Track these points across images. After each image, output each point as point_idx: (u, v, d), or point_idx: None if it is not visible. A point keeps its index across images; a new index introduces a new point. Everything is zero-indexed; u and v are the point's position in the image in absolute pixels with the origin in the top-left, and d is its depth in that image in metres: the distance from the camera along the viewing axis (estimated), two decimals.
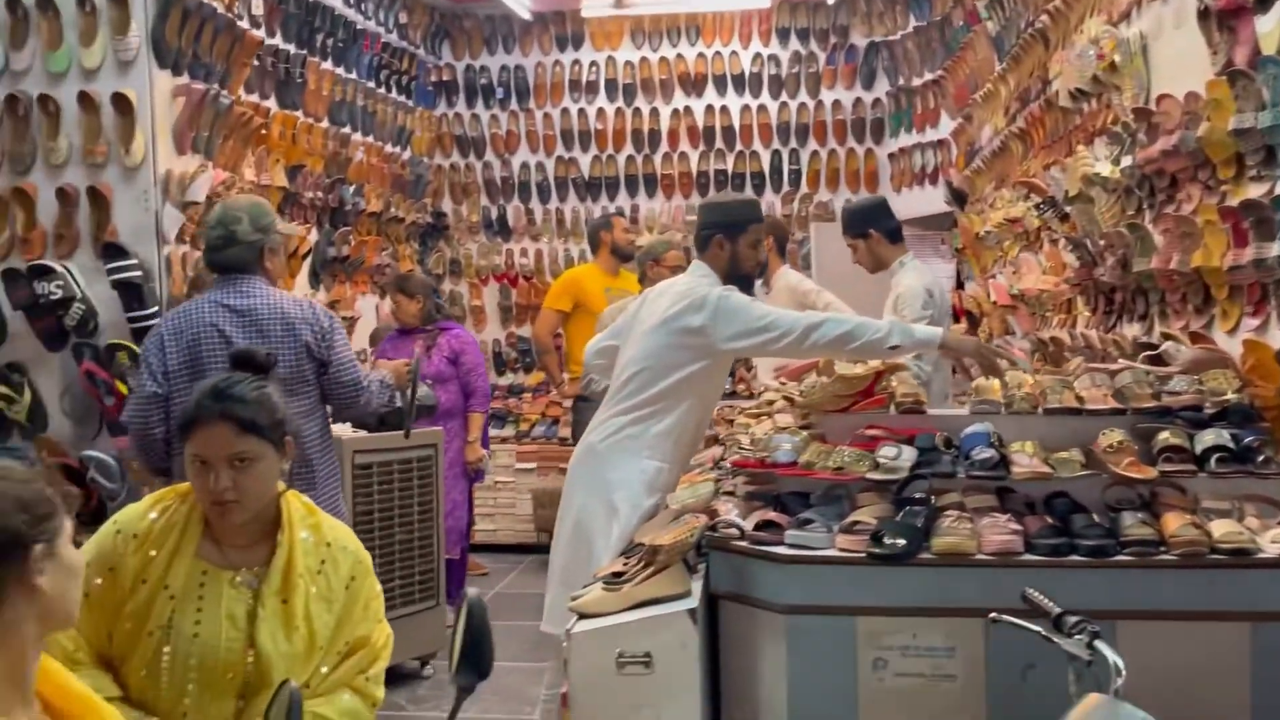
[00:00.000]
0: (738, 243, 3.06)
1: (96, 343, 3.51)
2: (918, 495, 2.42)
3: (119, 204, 3.54)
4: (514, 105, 7.32)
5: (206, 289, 2.96)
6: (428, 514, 4.19)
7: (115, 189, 3.54)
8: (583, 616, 2.40)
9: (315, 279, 5.50)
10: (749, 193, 7.06)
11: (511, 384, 7.19)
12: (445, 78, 7.34)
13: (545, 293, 7.29)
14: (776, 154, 7.06)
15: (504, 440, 6.55)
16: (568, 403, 6.54)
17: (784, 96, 7.04)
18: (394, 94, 6.60)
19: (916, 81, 6.62)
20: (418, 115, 6.98)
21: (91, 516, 3.53)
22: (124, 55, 3.52)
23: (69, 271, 3.51)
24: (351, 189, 5.89)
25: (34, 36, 3.56)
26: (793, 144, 7.05)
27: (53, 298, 3.46)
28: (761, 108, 7.04)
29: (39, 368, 3.62)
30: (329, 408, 2.94)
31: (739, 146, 7.08)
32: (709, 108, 7.08)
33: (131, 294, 3.47)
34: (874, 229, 3.88)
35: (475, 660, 1.41)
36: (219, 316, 2.77)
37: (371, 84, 6.27)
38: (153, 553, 1.75)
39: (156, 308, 3.53)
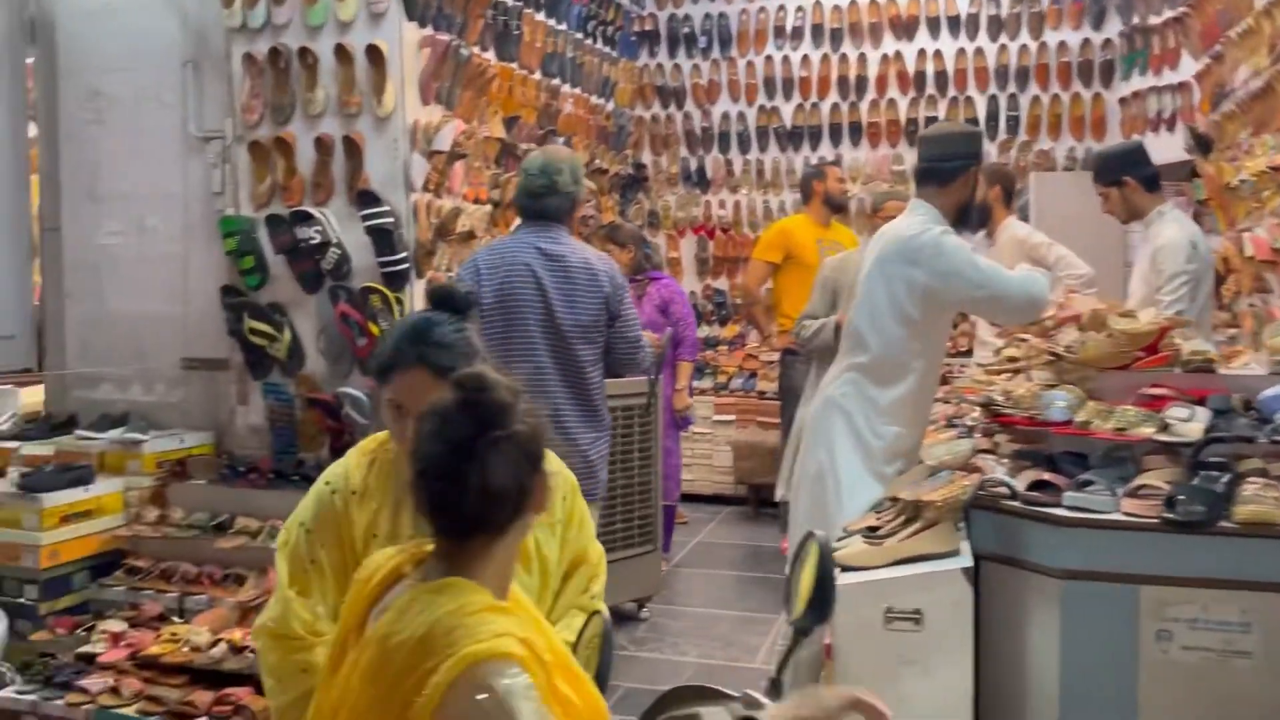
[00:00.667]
0: (960, 177, 2.92)
1: (351, 286, 3.69)
2: (1214, 460, 2.25)
3: (370, 153, 3.69)
4: (716, 53, 7.23)
5: (516, 229, 3.08)
6: (647, 460, 4.24)
7: (367, 138, 3.69)
8: (844, 569, 2.36)
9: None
10: None
11: (707, 336, 7.18)
12: (648, 27, 7.31)
13: (743, 245, 7.28)
14: (994, 99, 6.71)
15: (701, 392, 6.56)
16: (772, 355, 6.50)
17: (1003, 38, 6.66)
18: (599, 45, 6.62)
19: (1154, 19, 6.13)
20: (621, 66, 6.99)
21: (345, 449, 3.74)
22: (376, 8, 3.65)
23: (325, 217, 3.69)
24: (561, 140, 5.96)
25: None
26: (1011, 88, 6.68)
27: (311, 242, 3.65)
28: (979, 50, 6.70)
29: (297, 309, 3.83)
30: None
31: (952, 92, 6.77)
32: (921, 51, 6.78)
33: (383, 240, 3.62)
34: (1130, 176, 3.63)
35: (820, 603, 1.39)
36: (532, 257, 2.90)
37: (579, 35, 6.30)
38: (374, 505, 1.74)
39: (406, 253, 3.67)
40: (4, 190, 4.24)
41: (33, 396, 4.75)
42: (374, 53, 3.64)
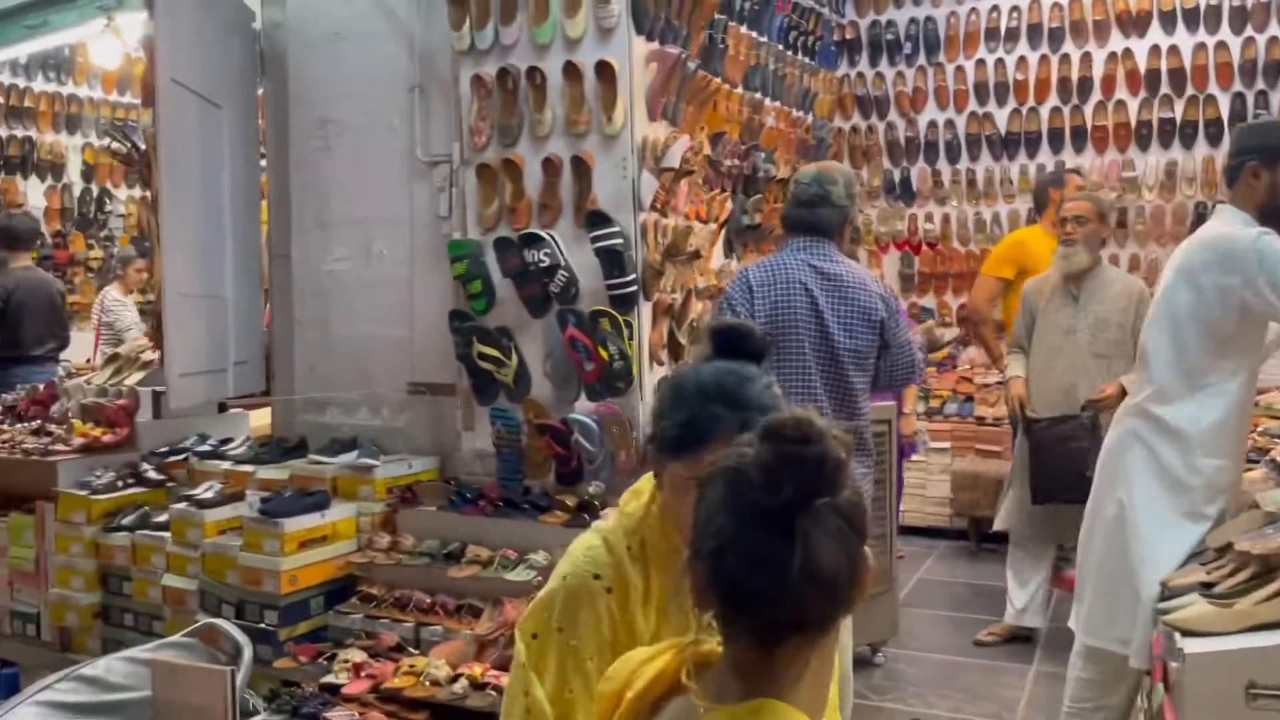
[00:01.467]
0: (1241, 175, 2.62)
1: (579, 309, 3.57)
2: None
3: (599, 172, 3.58)
4: (922, 60, 6.89)
5: (784, 245, 2.91)
6: (883, 493, 3.96)
7: (595, 157, 3.58)
8: (1185, 634, 2.03)
9: (729, 248, 5.42)
10: (1202, 142, 6.20)
11: None
12: (848, 36, 7.04)
13: (953, 260, 6.88)
14: (1239, 97, 6.10)
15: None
16: (989, 378, 6.08)
17: (1249, 30, 6.06)
18: (799, 56, 6.39)
19: None
20: (820, 77, 6.73)
21: (571, 477, 3.62)
22: (606, 23, 3.53)
23: (554, 239, 3.60)
24: (762, 155, 5.76)
25: (522, 11, 3.66)
26: (1260, 85, 6.06)
27: (541, 265, 3.56)
28: (1220, 44, 6.11)
29: (523, 333, 3.75)
30: None
31: (1190, 90, 6.20)
32: (1154, 48, 6.25)
33: (612, 261, 3.49)
34: None
35: None
36: (807, 276, 2.73)
37: (780, 47, 6.08)
38: (655, 605, 1.48)
39: (634, 275, 3.53)
40: (238, 220, 4.36)
41: (260, 420, 4.88)
42: (603, 69, 3.53)
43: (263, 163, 4.66)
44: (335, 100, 4.24)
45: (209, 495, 3.70)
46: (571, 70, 3.58)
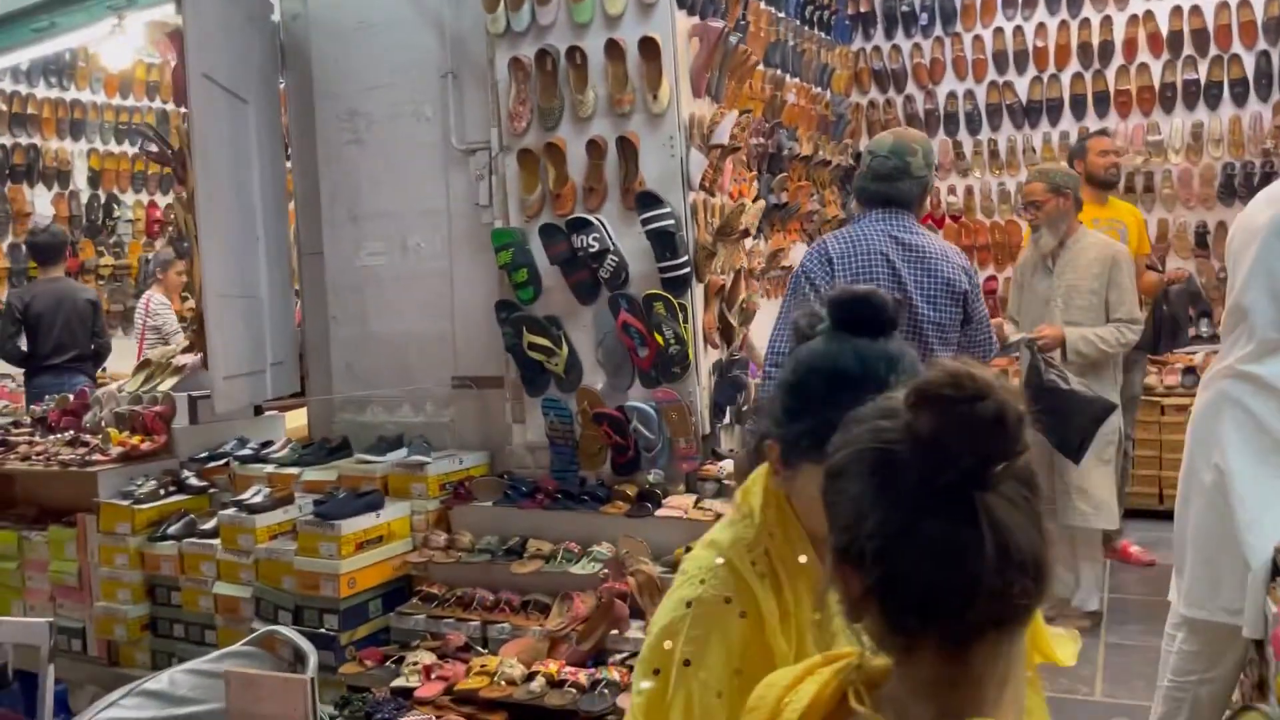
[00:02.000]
0: None
1: (631, 294, 3.49)
2: None
3: (645, 152, 3.49)
4: (939, 30, 6.79)
5: (860, 216, 2.82)
6: None
7: (641, 137, 3.49)
8: None
9: (756, 229, 5.33)
10: (1227, 102, 6.12)
11: None
12: (863, 9, 6.94)
13: (978, 232, 6.80)
14: (1264, 56, 6.01)
15: None
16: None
17: None
18: (816, 31, 6.29)
19: None
20: (837, 52, 6.64)
21: (628, 466, 3.54)
22: None
23: (602, 224, 3.51)
24: (785, 133, 5.67)
25: None
26: None
27: (590, 250, 3.47)
28: (1243, 3, 6.01)
29: (571, 321, 3.66)
30: None
31: (1214, 50, 6.10)
32: (1175, 9, 6.15)
33: (664, 243, 3.40)
34: None
35: None
36: (887, 247, 2.65)
37: (797, 22, 5.99)
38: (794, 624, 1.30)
39: (687, 256, 3.44)
40: (269, 218, 4.26)
41: (295, 421, 4.79)
42: (646, 46, 3.43)
43: (287, 160, 4.56)
44: (363, 91, 4.14)
45: (258, 500, 3.61)
46: (613, 48, 3.49)
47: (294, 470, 3.90)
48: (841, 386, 1.19)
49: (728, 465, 3.48)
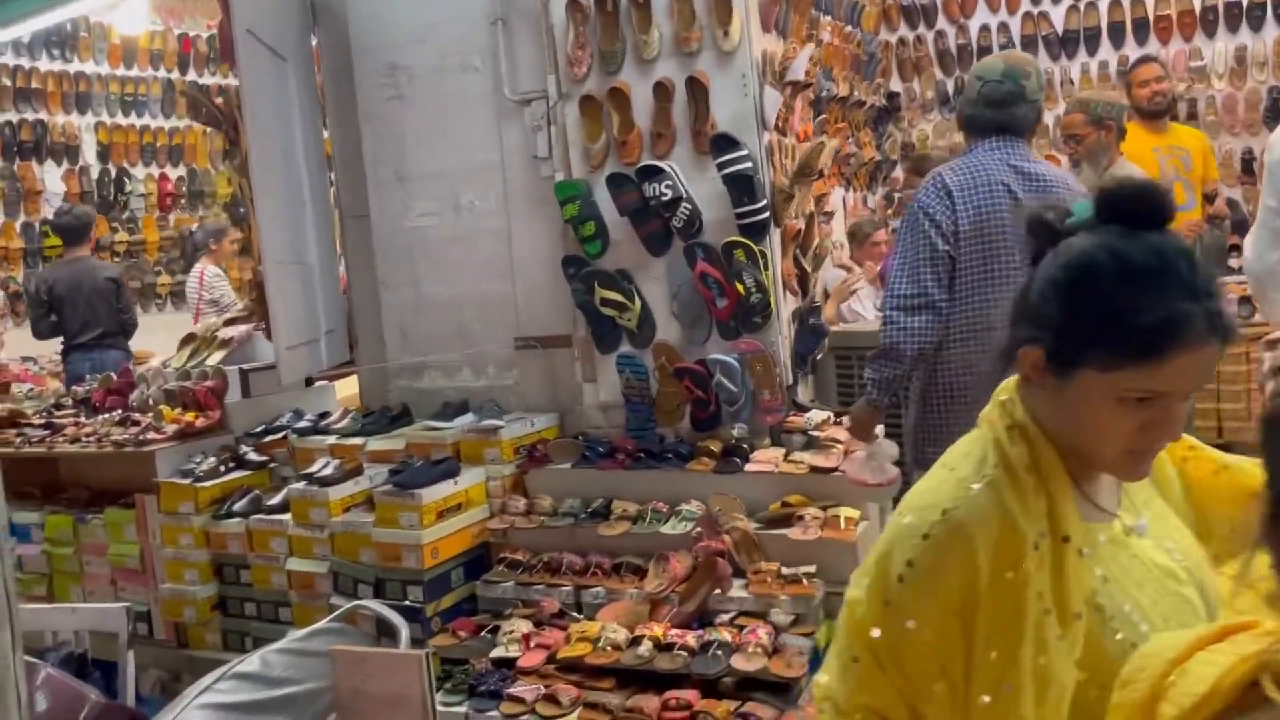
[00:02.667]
0: None
1: (708, 242, 3.35)
2: None
3: (716, 92, 3.33)
4: None
5: (973, 147, 2.68)
6: None
7: (711, 77, 3.33)
8: None
9: None
10: (1271, 23, 5.95)
11: None
12: None
13: None
14: None
15: None
16: None
17: None
18: None
19: None
20: None
21: (708, 421, 3.43)
22: None
23: (673, 170, 3.36)
24: (822, 73, 5.50)
25: None
26: None
27: (663, 199, 3.33)
28: None
29: (642, 274, 3.53)
30: None
31: None
32: None
33: (741, 188, 3.27)
34: None
35: None
36: (1008, 176, 2.51)
37: None
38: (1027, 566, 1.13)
39: (765, 200, 3.30)
40: (312, 182, 4.11)
41: (344, 390, 4.67)
42: None
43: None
44: (404, 44, 3.96)
45: (329, 472, 3.50)
46: None
47: (357, 441, 3.78)
48: (1138, 284, 1.09)
49: (816, 415, 3.38)
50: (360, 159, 4.16)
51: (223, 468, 3.81)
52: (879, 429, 2.87)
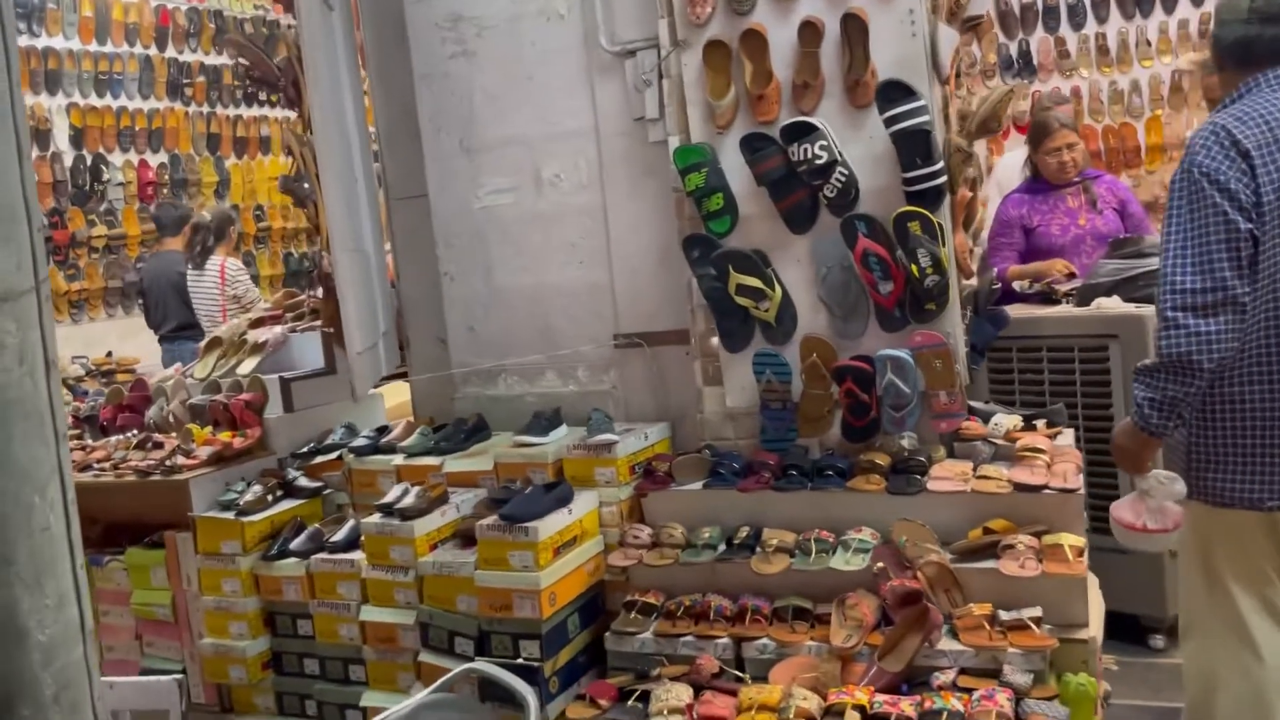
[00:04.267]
0: None
1: (869, 214, 2.78)
2: None
3: (876, 32, 2.76)
4: None
5: (1248, 86, 2.12)
6: None
7: (870, 13, 2.76)
8: None
9: None
10: None
11: None
12: None
13: (1087, 137, 6.14)
14: None
15: None
16: None
17: None
18: None
19: None
20: None
21: (864, 430, 2.87)
22: None
23: (825, 129, 2.79)
24: None
25: None
26: None
27: (816, 163, 2.75)
28: None
29: (779, 255, 2.96)
30: None
31: None
32: None
33: (914, 146, 2.70)
34: None
35: None
36: None
37: None
38: None
39: (941, 162, 2.74)
40: (364, 154, 3.48)
41: (392, 399, 4.06)
42: None
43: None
44: None
45: (410, 501, 2.90)
46: None
47: (430, 461, 3.18)
48: None
49: (1002, 419, 2.83)
50: (412, 129, 3.56)
51: (270, 497, 3.19)
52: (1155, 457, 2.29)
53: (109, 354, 6.58)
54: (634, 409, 3.29)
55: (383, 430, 3.46)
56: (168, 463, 3.24)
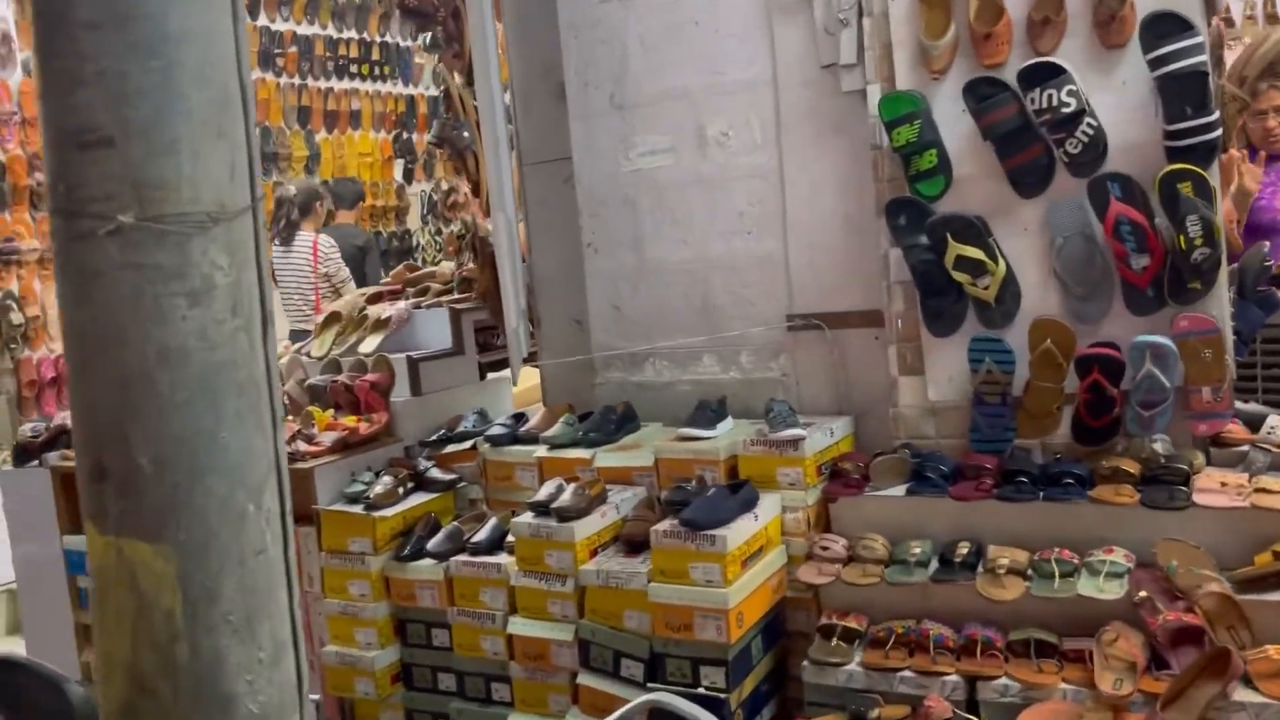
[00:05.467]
0: None
1: (1121, 173, 2.34)
2: None
3: None
4: None
5: None
6: None
7: None
8: None
9: None
10: None
11: None
12: None
13: None
14: None
15: None
16: None
17: None
18: None
19: None
20: None
21: (1103, 432, 2.43)
22: None
23: (1070, 73, 2.35)
24: None
25: None
26: None
27: (1063, 112, 2.32)
28: None
29: (1000, 223, 2.53)
30: None
31: None
32: None
33: (1188, 92, 2.24)
34: None
35: None
36: None
37: None
38: None
39: (1216, 113, 2.29)
40: (499, 109, 3.12)
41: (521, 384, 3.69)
42: None
43: None
44: None
45: (567, 499, 2.53)
46: None
47: (579, 453, 2.81)
48: None
49: (1277, 420, 2.38)
50: (551, 86, 3.19)
51: (401, 489, 2.85)
52: None
53: None
54: (807, 400, 2.88)
55: (519, 418, 3.10)
56: (290, 450, 2.91)
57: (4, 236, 4.98)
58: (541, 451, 2.88)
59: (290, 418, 3.14)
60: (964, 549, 2.36)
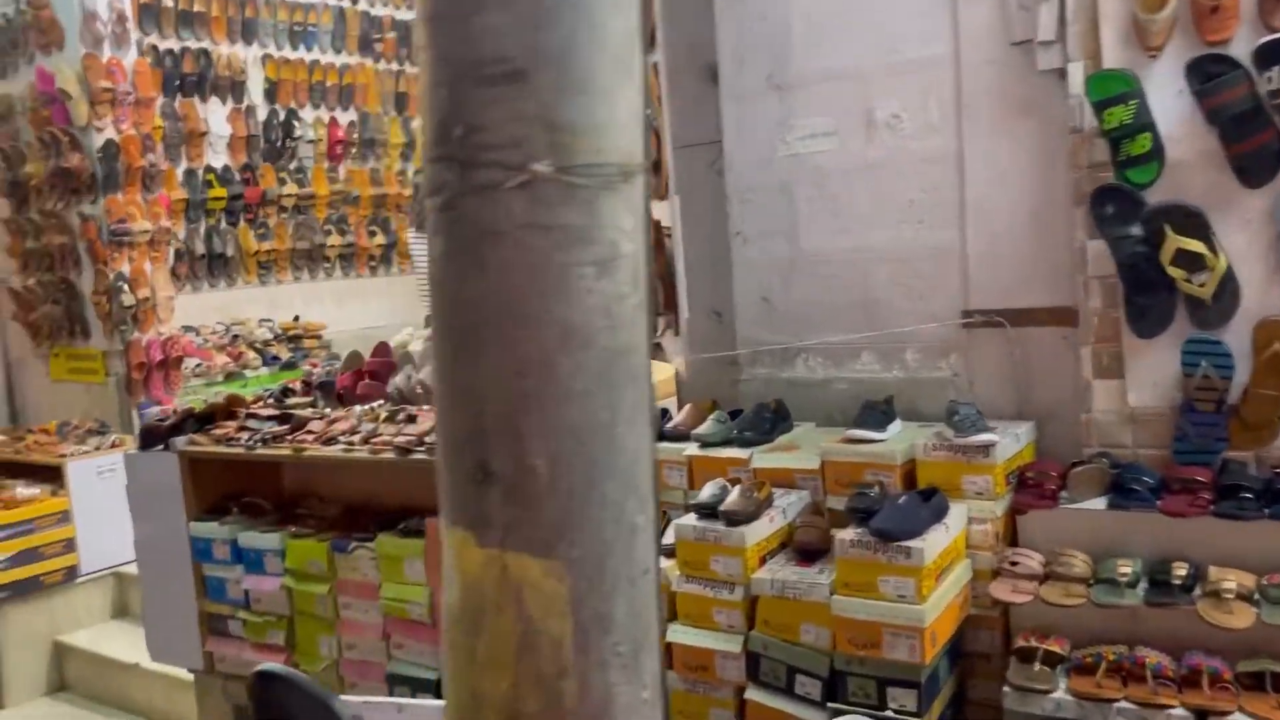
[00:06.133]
0: None
1: None
2: None
3: None
4: None
5: None
6: None
7: None
8: None
9: None
10: None
11: None
12: None
13: None
14: None
15: None
16: None
17: None
18: None
19: None
20: None
21: None
22: None
23: None
24: None
25: None
26: None
27: None
28: None
29: (1220, 214, 2.31)
30: None
31: None
32: None
33: None
34: None
35: None
36: None
37: None
38: None
39: None
40: (647, 84, 2.97)
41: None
42: None
43: None
44: None
45: (735, 501, 2.37)
46: None
47: (734, 453, 2.65)
48: None
49: None
50: (698, 65, 3.04)
51: None
52: None
53: (296, 318, 6.33)
54: (982, 403, 2.68)
55: (662, 413, 2.95)
56: (428, 439, 2.79)
57: (117, 218, 4.96)
58: (691, 450, 2.73)
59: (424, 406, 3.03)
60: (1181, 570, 2.16)
